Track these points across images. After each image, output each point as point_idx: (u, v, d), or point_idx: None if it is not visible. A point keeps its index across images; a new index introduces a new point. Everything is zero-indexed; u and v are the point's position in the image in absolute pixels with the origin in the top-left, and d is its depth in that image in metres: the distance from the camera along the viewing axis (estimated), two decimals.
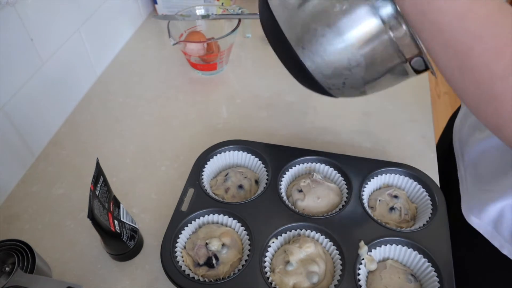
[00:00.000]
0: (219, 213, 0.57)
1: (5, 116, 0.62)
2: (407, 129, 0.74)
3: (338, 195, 0.60)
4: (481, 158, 0.61)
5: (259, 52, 0.92)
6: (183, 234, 0.55)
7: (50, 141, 0.73)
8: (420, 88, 0.82)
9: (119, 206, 0.54)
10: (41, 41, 0.67)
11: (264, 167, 0.63)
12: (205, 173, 0.62)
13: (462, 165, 0.67)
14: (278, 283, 0.50)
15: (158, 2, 0.98)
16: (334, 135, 0.73)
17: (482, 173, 0.61)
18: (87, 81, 0.83)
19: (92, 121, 0.77)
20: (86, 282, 0.55)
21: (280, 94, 0.81)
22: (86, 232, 0.60)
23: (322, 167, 0.63)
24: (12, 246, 0.49)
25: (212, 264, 0.52)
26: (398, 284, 0.50)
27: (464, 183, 0.66)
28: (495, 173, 0.58)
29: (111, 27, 0.89)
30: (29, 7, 0.63)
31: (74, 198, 0.64)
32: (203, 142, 0.67)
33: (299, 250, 0.52)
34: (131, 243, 0.55)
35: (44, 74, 0.69)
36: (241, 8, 0.85)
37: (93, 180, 0.47)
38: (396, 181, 0.62)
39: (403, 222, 0.57)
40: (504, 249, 0.57)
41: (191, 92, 0.83)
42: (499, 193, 0.56)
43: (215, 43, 0.81)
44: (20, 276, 0.45)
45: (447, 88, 2.30)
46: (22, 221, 0.62)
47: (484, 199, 0.59)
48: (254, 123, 0.76)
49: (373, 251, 0.53)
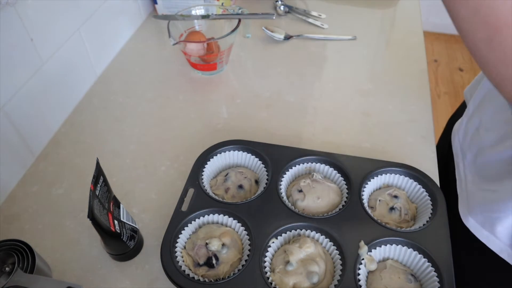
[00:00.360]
0: (219, 213, 0.57)
1: (5, 116, 0.62)
2: (407, 129, 0.74)
3: (338, 195, 0.60)
4: (485, 157, 0.61)
5: (259, 52, 0.92)
6: (183, 234, 0.55)
7: (50, 141, 0.73)
8: (420, 88, 0.82)
9: (119, 206, 0.54)
10: (41, 41, 0.67)
11: (264, 167, 0.63)
12: (205, 173, 0.62)
13: (462, 165, 0.67)
14: (278, 283, 0.50)
15: (158, 2, 0.98)
16: (334, 135, 0.73)
17: (485, 173, 0.61)
18: (87, 81, 0.83)
19: (92, 121, 0.77)
20: (86, 282, 0.55)
21: (280, 94, 0.81)
22: (86, 232, 0.60)
23: (322, 167, 0.63)
24: (12, 246, 0.49)
25: (212, 264, 0.52)
26: (398, 284, 0.50)
27: (463, 183, 0.66)
28: (500, 173, 0.57)
29: (111, 27, 0.89)
30: (29, 7, 0.63)
31: (74, 198, 0.64)
32: (203, 142, 0.67)
33: (299, 250, 0.52)
34: (131, 243, 0.55)
35: (44, 74, 0.69)
36: (241, 8, 0.85)
37: (93, 180, 0.47)
38: (396, 181, 0.62)
39: (403, 222, 0.57)
40: (504, 253, 0.57)
41: (191, 92, 0.83)
42: (503, 193, 0.56)
43: (215, 43, 0.81)
44: (20, 276, 0.45)
45: (447, 88, 2.30)
46: (22, 221, 0.62)
47: (487, 199, 0.59)
48: (254, 123, 0.76)
49: (373, 251, 0.53)
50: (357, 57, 0.91)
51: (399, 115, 0.77)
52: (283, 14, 1.04)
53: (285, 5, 1.04)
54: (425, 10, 1.36)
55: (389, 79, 0.85)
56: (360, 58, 0.91)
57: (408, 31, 0.99)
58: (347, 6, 1.06)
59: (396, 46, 0.95)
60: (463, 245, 0.61)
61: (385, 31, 1.01)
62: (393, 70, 0.87)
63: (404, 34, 0.98)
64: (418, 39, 0.95)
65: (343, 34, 0.96)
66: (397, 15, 1.05)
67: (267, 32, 0.94)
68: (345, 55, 0.92)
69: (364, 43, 0.95)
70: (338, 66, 0.89)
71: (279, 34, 0.94)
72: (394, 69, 0.88)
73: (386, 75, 0.87)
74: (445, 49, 2.59)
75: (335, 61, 0.90)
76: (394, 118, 0.76)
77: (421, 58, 0.90)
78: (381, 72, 0.88)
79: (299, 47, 0.93)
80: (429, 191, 0.59)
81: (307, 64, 0.89)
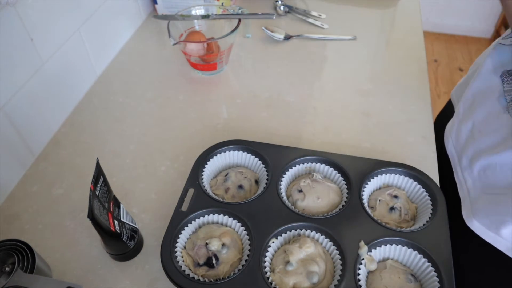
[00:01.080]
0: (219, 213, 0.57)
1: (5, 116, 0.62)
2: (407, 129, 0.74)
3: (338, 195, 0.60)
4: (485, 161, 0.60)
5: (259, 52, 0.92)
6: (183, 234, 0.55)
7: (50, 141, 0.73)
8: (420, 88, 0.82)
9: (119, 206, 0.54)
10: (41, 41, 0.67)
11: (264, 167, 0.63)
12: (205, 173, 0.62)
13: (460, 168, 0.67)
14: (278, 283, 0.50)
15: (158, 2, 0.98)
16: (334, 135, 0.73)
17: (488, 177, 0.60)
18: (87, 81, 0.83)
19: (92, 121, 0.77)
20: (86, 282, 0.55)
21: (280, 94, 0.81)
22: (86, 232, 0.60)
23: (322, 167, 0.63)
24: (12, 246, 0.49)
25: (212, 264, 0.52)
26: (398, 284, 0.50)
27: (463, 186, 0.65)
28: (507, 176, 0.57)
29: (111, 27, 0.89)
30: (29, 7, 0.63)
31: (74, 198, 0.64)
32: (203, 142, 0.67)
33: (299, 250, 0.52)
34: (131, 243, 0.55)
35: (44, 74, 0.69)
36: (241, 8, 0.85)
37: (93, 180, 0.47)
38: (396, 181, 0.62)
39: (403, 222, 0.57)
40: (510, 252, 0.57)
41: (191, 92, 0.83)
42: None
43: (215, 43, 0.81)
44: (20, 276, 0.45)
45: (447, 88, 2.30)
46: (22, 221, 0.62)
47: (492, 202, 0.58)
48: (254, 123, 0.76)
49: (373, 251, 0.53)
50: (357, 57, 0.91)
51: (399, 115, 0.77)
52: (283, 14, 1.04)
53: (285, 5, 1.04)
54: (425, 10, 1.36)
55: (389, 79, 0.85)
56: (360, 58, 0.91)
57: (408, 31, 0.99)
58: (347, 6, 1.06)
59: (396, 46, 0.95)
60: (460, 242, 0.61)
61: (385, 31, 1.01)
62: (393, 70, 0.87)
63: (404, 34, 0.98)
64: (418, 39, 0.95)
65: (343, 34, 0.96)
66: (397, 15, 1.05)
67: (267, 32, 0.94)
68: (345, 55, 0.92)
69: (364, 43, 0.95)
70: (338, 66, 0.89)
71: (279, 34, 0.94)
72: (394, 69, 0.88)
73: (386, 75, 0.87)
74: (445, 49, 2.59)
75: (335, 61, 0.90)
76: (394, 118, 0.76)
77: (421, 58, 0.90)
78: (381, 72, 0.88)
79: (299, 47, 0.93)
80: (429, 191, 0.59)
81: (307, 64, 0.89)
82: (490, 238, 0.59)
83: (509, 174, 0.56)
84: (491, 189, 0.59)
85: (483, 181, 0.61)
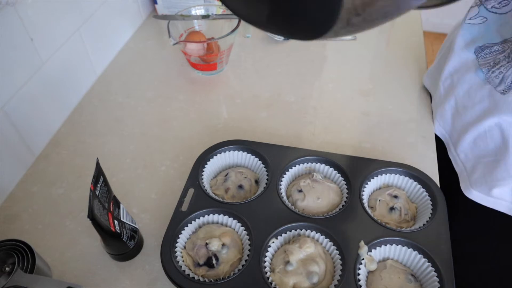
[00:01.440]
0: (219, 213, 0.57)
1: (5, 116, 0.62)
2: (407, 129, 0.74)
3: (338, 195, 0.60)
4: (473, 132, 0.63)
5: (259, 52, 0.92)
6: (183, 234, 0.55)
7: (50, 141, 0.73)
8: (420, 88, 0.82)
9: (119, 206, 0.54)
10: (41, 41, 0.67)
11: (264, 167, 0.63)
12: (205, 173, 0.62)
13: (452, 145, 0.69)
14: (278, 283, 0.50)
15: (158, 2, 0.98)
16: (334, 135, 0.73)
17: (479, 146, 0.63)
18: (87, 81, 0.83)
19: (92, 121, 0.77)
20: (86, 282, 0.55)
21: (280, 94, 0.81)
22: (86, 232, 0.60)
23: (322, 167, 0.63)
24: (12, 246, 0.49)
25: (212, 264, 0.52)
26: (398, 284, 0.50)
27: (458, 162, 0.67)
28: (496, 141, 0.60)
29: (111, 27, 0.89)
30: (29, 7, 0.63)
31: (74, 198, 0.64)
32: (203, 142, 0.67)
33: (299, 250, 0.52)
34: (131, 243, 0.55)
35: (44, 74, 0.69)
36: None
37: (93, 180, 0.47)
38: (396, 181, 0.62)
39: (403, 222, 0.57)
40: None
41: (191, 92, 0.83)
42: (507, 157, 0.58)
43: (215, 43, 0.81)
44: (20, 276, 0.45)
45: None
46: (22, 221, 0.62)
47: (489, 167, 0.61)
48: (254, 123, 0.76)
49: (373, 251, 0.53)
50: (357, 57, 0.91)
51: (399, 115, 0.77)
52: None
53: None
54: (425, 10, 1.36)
55: (389, 79, 0.85)
56: (360, 58, 0.91)
57: (408, 31, 0.99)
58: None
59: (396, 46, 0.95)
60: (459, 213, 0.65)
61: (385, 31, 1.01)
62: (393, 70, 0.87)
63: (404, 34, 0.98)
64: (418, 39, 0.95)
65: None
66: None
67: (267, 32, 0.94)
68: (345, 55, 0.92)
69: (364, 43, 0.95)
70: (338, 66, 0.89)
71: None
72: (394, 69, 0.88)
73: (386, 75, 0.87)
74: None
75: (335, 61, 0.90)
76: (394, 118, 0.76)
77: (421, 58, 0.90)
78: (381, 72, 0.88)
79: (299, 47, 0.93)
80: (429, 191, 0.59)
81: (307, 64, 0.89)
82: (489, 202, 0.62)
83: (498, 136, 0.59)
84: (484, 157, 0.62)
85: (475, 152, 0.63)
